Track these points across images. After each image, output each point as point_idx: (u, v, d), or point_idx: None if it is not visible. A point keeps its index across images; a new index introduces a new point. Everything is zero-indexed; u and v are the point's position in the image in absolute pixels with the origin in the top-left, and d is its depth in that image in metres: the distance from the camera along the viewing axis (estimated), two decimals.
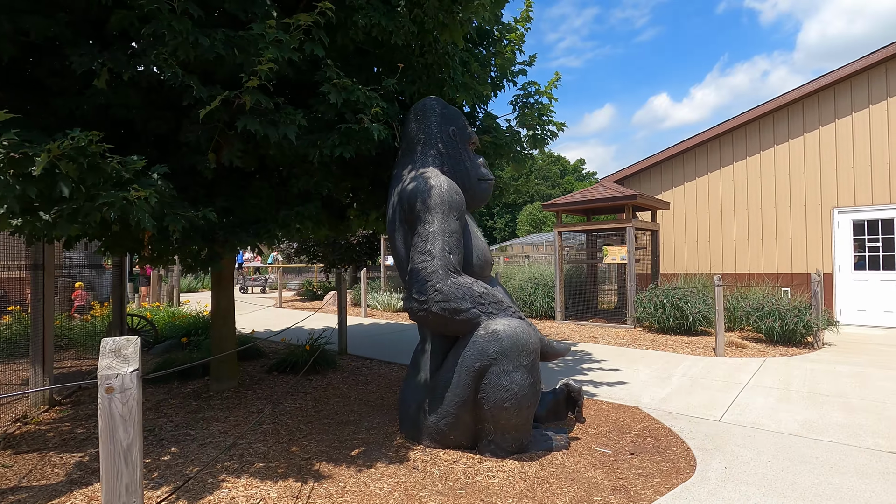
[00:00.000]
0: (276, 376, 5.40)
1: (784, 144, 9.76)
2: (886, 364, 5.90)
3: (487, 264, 3.45)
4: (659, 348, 7.11)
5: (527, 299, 10.58)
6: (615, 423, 3.96)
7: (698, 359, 6.36)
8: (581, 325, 9.41)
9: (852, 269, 9.06)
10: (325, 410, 4.29)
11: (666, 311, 8.15)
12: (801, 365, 5.92)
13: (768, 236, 9.87)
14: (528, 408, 3.00)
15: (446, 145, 3.53)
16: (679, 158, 11.06)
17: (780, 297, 7.57)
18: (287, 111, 3.21)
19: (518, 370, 2.92)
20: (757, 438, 3.55)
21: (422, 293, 3.01)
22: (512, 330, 2.93)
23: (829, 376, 5.34)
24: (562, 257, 10.06)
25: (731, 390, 4.83)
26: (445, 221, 3.13)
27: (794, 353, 6.73)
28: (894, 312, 8.65)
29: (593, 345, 7.45)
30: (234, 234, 3.86)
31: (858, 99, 9.03)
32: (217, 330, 4.69)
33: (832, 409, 4.22)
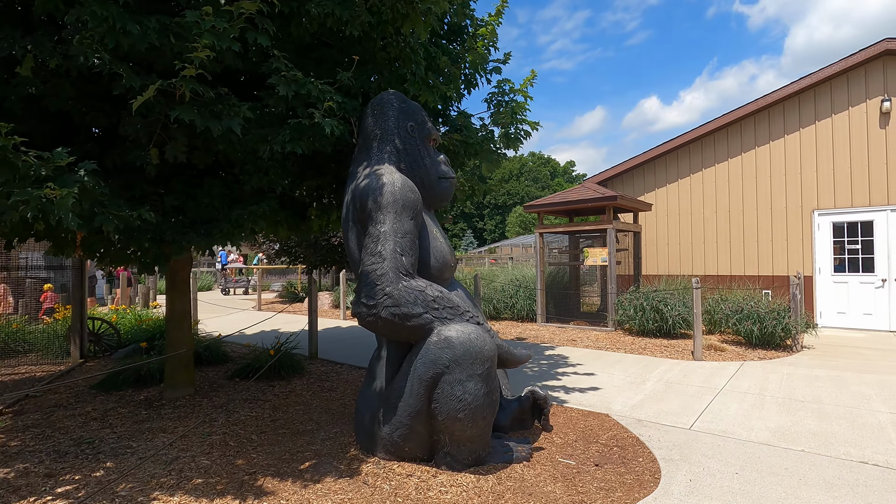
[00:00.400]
0: (238, 383, 5.19)
1: (765, 146, 9.73)
2: (863, 368, 5.83)
3: (446, 266, 3.28)
4: (637, 352, 6.99)
5: (508, 301, 10.44)
6: (583, 431, 3.82)
7: (676, 363, 6.24)
8: (562, 328, 9.28)
9: (832, 271, 9.04)
10: (283, 419, 4.09)
11: (646, 313, 8.05)
12: (778, 369, 5.83)
13: (750, 238, 9.83)
14: (483, 419, 2.84)
15: (404, 141, 3.36)
16: (662, 160, 11.00)
17: (760, 300, 7.50)
18: (231, 103, 3.02)
19: (472, 379, 2.75)
20: (727, 448, 3.42)
21: (370, 297, 2.83)
22: (465, 336, 2.76)
23: (806, 381, 5.24)
24: (543, 259, 9.93)
25: (706, 396, 4.71)
26: (398, 221, 2.96)
27: (773, 356, 6.65)
28: (874, 315, 8.63)
29: (571, 348, 7.32)
30: (182, 235, 3.66)
31: (838, 101, 9.01)
32: (171, 335, 4.47)
33: (806, 415, 4.11)
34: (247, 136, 3.35)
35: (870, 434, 3.66)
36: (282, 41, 3.65)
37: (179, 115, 2.80)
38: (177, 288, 4.47)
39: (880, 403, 4.41)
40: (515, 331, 9.08)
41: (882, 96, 8.60)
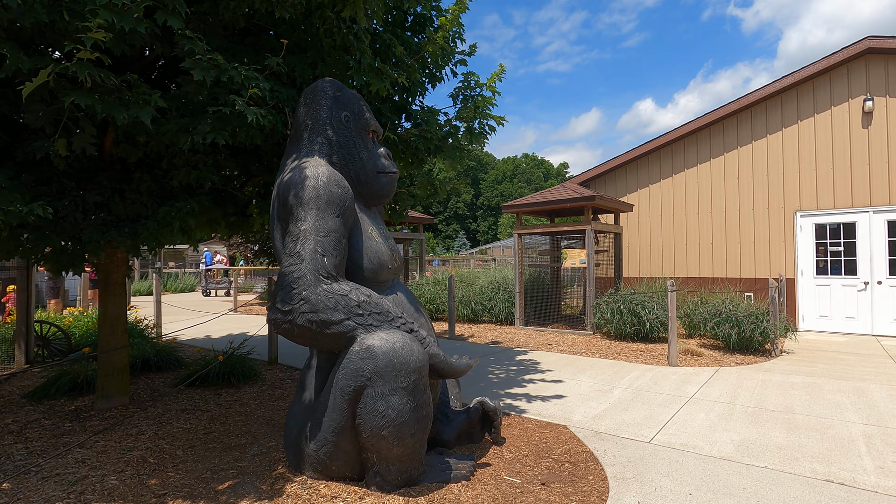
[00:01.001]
0: (182, 391, 4.90)
1: (748, 146, 9.55)
2: (841, 374, 5.63)
3: (382, 268, 3.03)
4: (612, 357, 6.76)
5: (486, 304, 10.19)
6: (537, 444, 3.57)
7: (649, 368, 6.01)
8: (540, 332, 9.05)
9: (815, 273, 8.86)
10: (218, 431, 3.81)
11: (623, 317, 7.82)
12: (753, 375, 5.61)
13: (732, 240, 9.64)
14: (411, 436, 2.58)
15: (337, 132, 3.10)
16: (644, 160, 10.80)
17: (738, 303, 7.30)
18: (140, 89, 2.75)
19: (395, 393, 2.49)
20: (685, 464, 3.18)
21: (286, 302, 2.57)
22: (389, 346, 2.51)
23: (780, 388, 5.02)
24: (522, 261, 9.69)
25: (673, 405, 4.47)
26: (321, 219, 2.70)
27: (751, 361, 6.43)
28: (856, 318, 8.45)
29: (545, 353, 7.08)
30: (102, 234, 3.38)
31: (821, 100, 8.85)
32: (104, 341, 4.18)
33: (775, 426, 3.88)
34: (166, 126, 3.08)
35: (839, 448, 3.44)
36: (211, 25, 3.40)
37: (75, 100, 2.52)
38: (110, 290, 4.19)
39: (854, 413, 4.19)
40: (492, 334, 8.83)
41: (864, 95, 8.44)
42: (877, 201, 8.31)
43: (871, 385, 5.13)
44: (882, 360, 6.42)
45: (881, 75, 8.32)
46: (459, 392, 3.76)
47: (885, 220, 8.25)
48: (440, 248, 68.38)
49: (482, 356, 6.85)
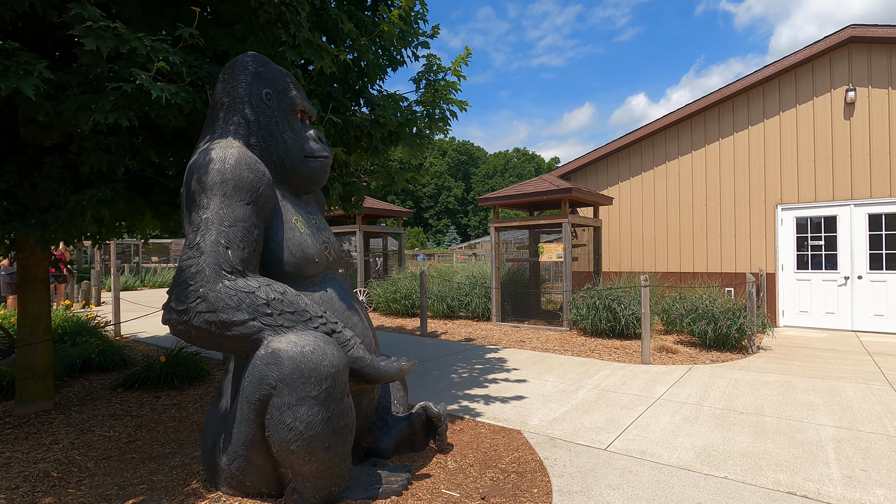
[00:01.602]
0: (120, 394, 4.58)
1: (729, 138, 9.33)
2: (816, 372, 5.43)
3: (308, 262, 2.73)
4: (585, 354, 6.53)
5: (463, 300, 9.93)
6: (486, 452, 3.31)
7: (620, 367, 5.78)
8: (516, 328, 8.80)
9: (795, 268, 8.69)
10: (143, 439, 3.51)
11: (598, 312, 7.60)
12: (726, 374, 5.40)
13: (713, 234, 9.44)
14: (326, 450, 2.30)
15: (257, 112, 2.79)
16: (625, 152, 10.56)
17: (715, 299, 7.09)
18: (21, 58, 2.43)
19: (304, 403, 2.21)
20: (639, 475, 2.94)
21: (181, 300, 2.27)
22: (297, 350, 2.22)
23: (752, 388, 4.81)
24: (499, 255, 9.43)
25: (638, 406, 4.23)
26: (226, 206, 2.40)
27: (726, 358, 6.23)
28: (836, 314, 8.30)
29: (517, 350, 6.83)
30: (3, 224, 3.05)
31: (803, 91, 8.64)
32: (24, 340, 3.85)
33: (741, 430, 3.65)
34: (65, 104, 2.75)
35: (807, 455, 3.21)
36: None
37: None
38: (29, 287, 3.85)
39: (826, 415, 3.98)
40: (466, 331, 8.57)
41: (847, 86, 8.24)
42: (858, 194, 8.13)
43: (846, 384, 4.94)
44: (860, 356, 6.25)
45: (864, 65, 8.12)
46: (405, 396, 3.49)
47: (865, 214, 8.08)
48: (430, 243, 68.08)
49: (450, 354, 6.59)
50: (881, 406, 4.21)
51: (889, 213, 7.91)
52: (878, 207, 7.98)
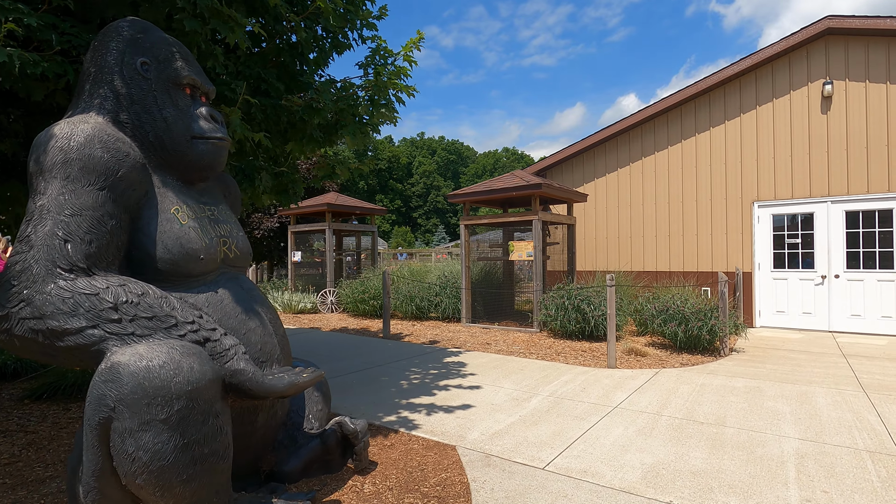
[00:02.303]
0: (27, 405, 4.15)
1: (705, 133, 9.07)
2: (788, 376, 5.14)
3: (189, 259, 2.35)
4: (550, 357, 6.20)
5: (433, 300, 9.57)
6: (411, 472, 2.94)
7: (584, 371, 5.46)
8: (486, 329, 8.46)
9: (772, 266, 8.44)
10: (26, 460, 3.10)
11: (568, 313, 7.28)
12: (693, 379, 5.09)
13: (689, 232, 9.17)
14: (184, 483, 1.92)
15: (129, 84, 2.40)
16: (601, 147, 10.26)
17: (687, 299, 6.80)
18: None
19: (149, 428, 1.83)
20: (574, 499, 2.59)
21: (2, 305, 1.88)
22: (142, 364, 1.84)
23: (717, 394, 4.50)
24: (468, 254, 9.08)
25: (592, 416, 3.90)
26: (68, 191, 2.01)
27: (697, 361, 5.94)
28: (813, 314, 8.06)
29: (480, 353, 6.48)
30: None
31: (780, 84, 8.39)
32: None
33: (698, 444, 3.33)
34: None
35: (765, 473, 2.89)
36: None
37: None
38: None
39: (792, 426, 3.67)
40: (433, 333, 8.21)
41: (824, 79, 8.00)
42: (835, 191, 7.90)
43: (817, 389, 4.65)
44: (835, 359, 5.98)
45: (841, 58, 7.89)
46: (325, 408, 3.11)
47: (843, 211, 7.85)
48: (419, 243, 67.62)
49: (408, 358, 6.22)
50: (851, 415, 3.92)
51: (866, 211, 7.68)
52: (855, 204, 7.75)
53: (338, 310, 11.08)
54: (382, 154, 76.88)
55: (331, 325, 9.21)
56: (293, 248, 12.12)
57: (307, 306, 10.94)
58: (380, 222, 77.44)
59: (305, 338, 7.85)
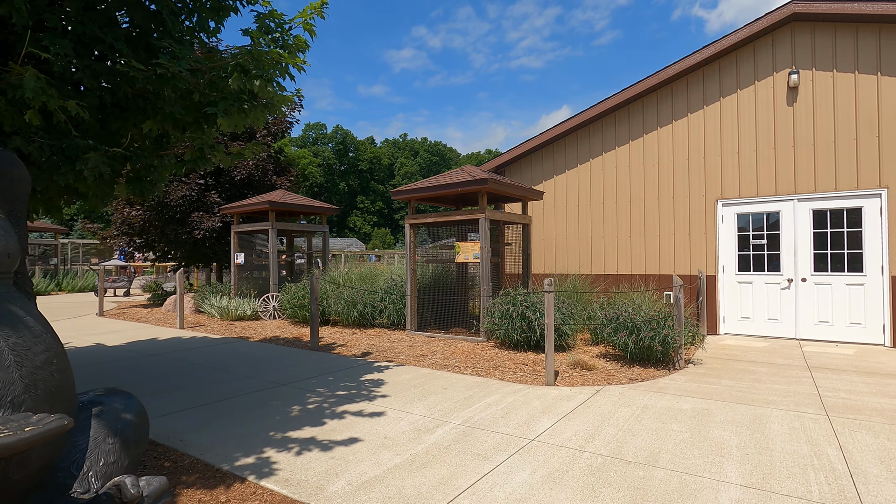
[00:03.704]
0: None
1: (668, 126, 8.49)
2: (744, 394, 4.52)
3: None
4: (486, 372, 5.50)
5: (377, 305, 8.82)
6: None
7: (516, 390, 4.76)
8: (431, 338, 7.74)
9: (737, 269, 7.88)
10: None
11: (513, 321, 6.59)
12: (636, 399, 4.42)
13: (651, 232, 8.58)
14: None
15: None
16: (560, 143, 9.63)
17: (640, 305, 6.16)
18: None
19: None
20: None
21: None
22: None
23: (659, 421, 3.83)
24: (414, 255, 8.36)
25: (499, 455, 3.19)
26: None
27: (648, 376, 5.29)
28: (779, 320, 7.50)
29: (411, 368, 5.75)
30: None
31: (744, 74, 7.84)
32: None
33: (614, 497, 2.64)
34: None
35: None
36: None
37: None
38: None
39: (736, 466, 3.01)
40: (370, 343, 7.46)
41: (790, 68, 7.47)
42: (802, 188, 7.36)
43: (773, 412, 4.02)
44: (798, 372, 5.39)
45: (807, 45, 7.36)
46: (120, 461, 2.35)
47: (810, 210, 7.31)
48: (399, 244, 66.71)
49: (324, 374, 5.46)
50: (809, 447, 3.28)
51: (834, 209, 7.16)
52: (823, 202, 7.22)
53: (281, 316, 10.26)
54: (363, 155, 75.90)
55: (263, 334, 8.40)
56: (236, 249, 11.26)
57: (247, 312, 10.10)
58: (360, 224, 76.31)
59: (224, 350, 7.03)
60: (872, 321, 6.86)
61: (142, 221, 11.59)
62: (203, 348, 7.11)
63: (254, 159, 12.06)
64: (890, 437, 3.46)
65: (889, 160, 6.78)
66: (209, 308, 10.44)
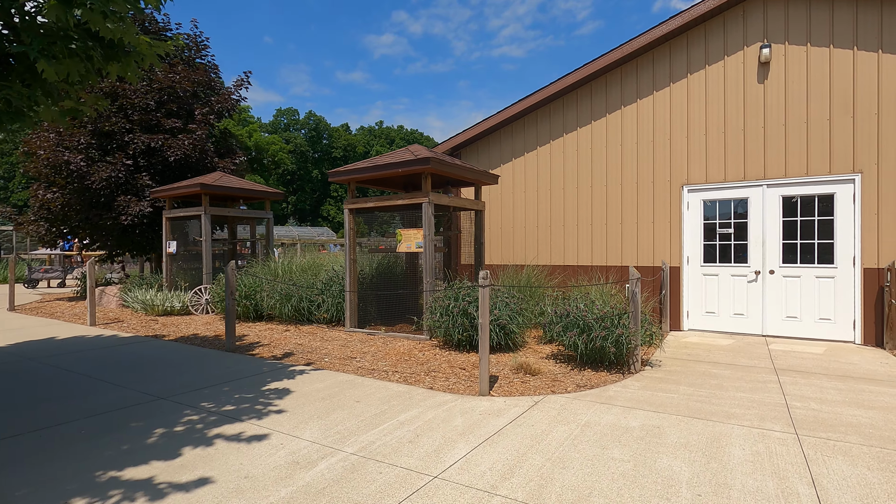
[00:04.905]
0: None
1: (632, 105, 7.83)
2: (703, 405, 3.89)
3: None
4: (415, 378, 4.76)
5: (315, 300, 7.98)
6: None
7: (441, 403, 4.03)
8: (369, 337, 6.97)
9: (702, 260, 7.31)
10: None
11: (454, 318, 5.86)
12: (578, 414, 3.74)
13: (613, 220, 7.94)
14: None
15: None
16: (519, 123, 8.89)
17: (594, 301, 5.50)
18: None
19: None
20: None
21: None
22: None
23: (598, 445, 3.15)
24: (353, 244, 7.53)
25: (385, 501, 2.45)
26: None
27: (598, 381, 4.63)
28: (745, 315, 6.97)
29: (329, 374, 4.97)
30: None
31: (713, 48, 7.21)
32: None
33: None
34: None
35: None
36: None
37: None
38: None
39: None
40: (299, 342, 6.64)
41: (761, 42, 6.86)
42: (772, 173, 6.80)
43: (735, 430, 3.38)
44: (764, 375, 4.81)
45: (780, 17, 6.76)
46: None
47: (779, 196, 6.76)
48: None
49: (221, 383, 4.64)
50: (775, 483, 2.63)
51: (805, 196, 6.62)
52: (793, 188, 6.67)
53: (214, 311, 9.33)
54: (338, 143, 73.97)
55: (184, 332, 7.48)
56: (168, 237, 10.21)
57: (175, 307, 9.12)
58: (334, 213, 74.52)
59: (120, 353, 6.11)
60: (843, 317, 6.38)
61: (60, 206, 10.42)
62: (96, 350, 6.17)
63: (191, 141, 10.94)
64: (870, 465, 2.85)
65: (864, 143, 6.26)
66: (132, 302, 9.42)
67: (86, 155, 10.51)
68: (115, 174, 10.33)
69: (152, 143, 10.71)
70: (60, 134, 10.44)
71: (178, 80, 11.44)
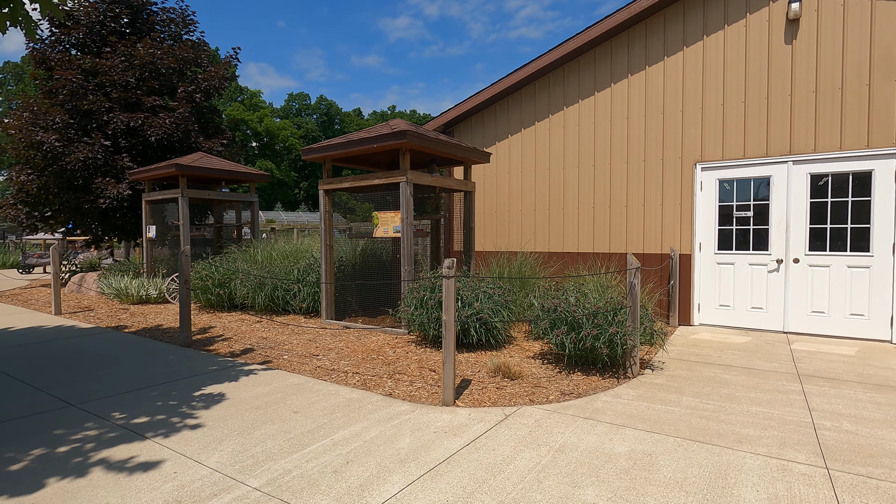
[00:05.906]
0: None
1: (640, 73, 6.98)
2: (709, 423, 3.18)
3: None
4: (374, 382, 4.13)
5: (291, 289, 7.40)
6: None
7: (395, 413, 3.40)
8: (345, 330, 6.37)
9: (717, 247, 6.51)
10: None
11: (429, 311, 5.21)
12: (553, 434, 3.07)
13: (618, 203, 7.16)
14: None
15: None
16: (516, 96, 8.09)
17: (585, 293, 4.79)
18: None
19: None
20: None
21: None
22: None
23: (571, 480, 2.49)
24: (329, 228, 6.90)
25: None
26: None
27: (588, 388, 3.95)
28: (765, 309, 6.18)
29: (281, 374, 4.37)
30: None
31: (733, 5, 6.31)
32: None
33: None
34: None
35: None
36: None
37: None
38: None
39: None
40: (265, 335, 6.07)
41: None
42: (798, 148, 5.94)
43: (746, 461, 2.68)
44: (785, 382, 4.07)
45: None
46: None
47: (807, 174, 5.91)
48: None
49: (155, 386, 4.07)
50: None
51: (838, 173, 5.76)
52: (823, 165, 5.81)
53: (192, 299, 8.82)
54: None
55: (150, 323, 6.97)
56: (148, 221, 9.72)
57: (151, 294, 8.65)
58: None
59: (62, 346, 5.61)
60: (878, 312, 5.55)
61: (37, 188, 9.98)
62: (41, 344, 5.68)
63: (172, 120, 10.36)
64: None
65: None
66: (107, 289, 8.97)
67: (62, 135, 10.02)
68: (93, 155, 9.83)
69: (132, 122, 10.16)
70: (35, 112, 9.95)
71: (160, 55, 10.84)
